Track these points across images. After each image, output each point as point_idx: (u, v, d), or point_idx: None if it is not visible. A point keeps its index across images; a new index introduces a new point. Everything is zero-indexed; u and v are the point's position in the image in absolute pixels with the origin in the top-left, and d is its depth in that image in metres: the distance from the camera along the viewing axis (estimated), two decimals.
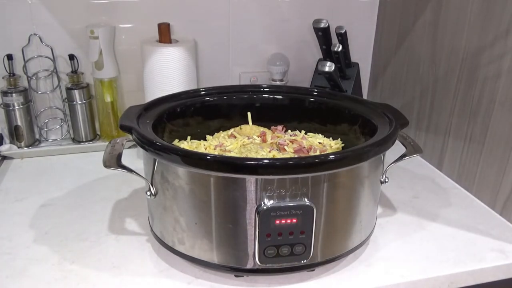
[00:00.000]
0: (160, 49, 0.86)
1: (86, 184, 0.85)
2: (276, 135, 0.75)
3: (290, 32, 1.08)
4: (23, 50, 0.92)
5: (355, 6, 1.09)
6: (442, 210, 0.79)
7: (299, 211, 0.55)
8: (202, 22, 1.02)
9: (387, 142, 0.59)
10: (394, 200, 0.81)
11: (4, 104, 0.92)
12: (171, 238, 0.61)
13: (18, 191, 0.82)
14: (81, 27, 0.94)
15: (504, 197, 0.75)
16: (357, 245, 0.64)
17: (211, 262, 0.59)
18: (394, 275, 0.62)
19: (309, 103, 0.78)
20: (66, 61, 0.96)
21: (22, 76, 0.94)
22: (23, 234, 0.70)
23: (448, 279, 0.64)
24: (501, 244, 0.69)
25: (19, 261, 0.64)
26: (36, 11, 0.92)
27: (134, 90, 1.02)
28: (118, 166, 0.60)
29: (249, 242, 0.56)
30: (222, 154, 0.66)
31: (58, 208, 0.77)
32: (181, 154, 0.54)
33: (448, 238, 0.71)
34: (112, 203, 0.78)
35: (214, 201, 0.55)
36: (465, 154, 0.84)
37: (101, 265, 0.63)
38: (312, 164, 0.53)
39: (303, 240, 0.57)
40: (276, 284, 0.60)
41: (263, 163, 0.53)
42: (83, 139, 1.00)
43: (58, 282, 0.60)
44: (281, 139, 0.72)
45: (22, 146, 0.96)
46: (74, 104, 0.96)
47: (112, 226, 0.72)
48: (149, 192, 0.61)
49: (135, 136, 0.59)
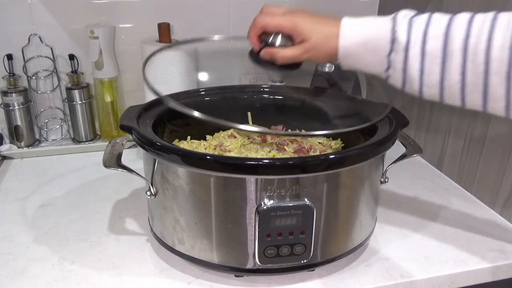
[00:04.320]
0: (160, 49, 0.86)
1: (86, 184, 0.85)
2: None
3: None
4: (23, 50, 0.92)
5: (355, 6, 1.09)
6: (442, 210, 0.79)
7: (299, 211, 0.55)
8: (202, 22, 1.01)
9: (387, 142, 0.59)
10: (394, 200, 0.81)
11: (4, 104, 0.92)
12: (171, 238, 0.61)
13: (18, 191, 0.82)
14: (81, 27, 0.94)
15: (504, 197, 0.75)
16: (357, 245, 0.64)
17: (211, 262, 0.59)
18: (394, 275, 0.62)
19: (309, 103, 0.78)
20: (66, 61, 0.96)
21: (22, 76, 0.94)
22: (23, 234, 0.70)
23: (448, 279, 0.64)
24: (501, 244, 0.69)
25: (19, 261, 0.64)
26: (36, 11, 0.92)
27: (134, 90, 1.02)
28: (118, 166, 0.60)
29: (249, 242, 0.56)
30: (222, 154, 0.66)
31: (58, 208, 0.77)
32: (181, 154, 0.54)
33: (448, 238, 0.71)
34: (112, 203, 0.78)
35: (214, 201, 0.55)
36: (465, 154, 0.84)
37: (101, 265, 0.63)
38: (312, 164, 0.53)
39: (303, 240, 0.57)
40: (276, 284, 0.60)
41: (263, 163, 0.53)
42: (83, 139, 0.99)
43: (58, 282, 0.60)
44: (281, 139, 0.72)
45: (22, 146, 0.96)
46: (74, 104, 0.96)
47: (112, 226, 0.72)
48: (149, 192, 0.61)
49: (135, 136, 0.59)
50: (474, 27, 0.46)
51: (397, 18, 0.51)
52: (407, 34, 0.49)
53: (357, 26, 0.52)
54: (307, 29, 0.54)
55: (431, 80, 0.49)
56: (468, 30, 0.46)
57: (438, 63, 0.48)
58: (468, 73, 0.46)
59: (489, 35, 0.45)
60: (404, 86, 0.52)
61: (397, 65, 0.50)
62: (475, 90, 0.47)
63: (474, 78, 0.46)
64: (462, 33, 0.46)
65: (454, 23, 0.47)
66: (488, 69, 0.45)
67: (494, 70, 0.45)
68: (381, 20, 0.52)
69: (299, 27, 0.55)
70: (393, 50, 0.50)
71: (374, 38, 0.51)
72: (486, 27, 0.45)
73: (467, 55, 0.46)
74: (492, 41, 0.44)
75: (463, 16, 0.48)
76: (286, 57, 0.57)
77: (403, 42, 0.49)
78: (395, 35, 0.50)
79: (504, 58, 0.44)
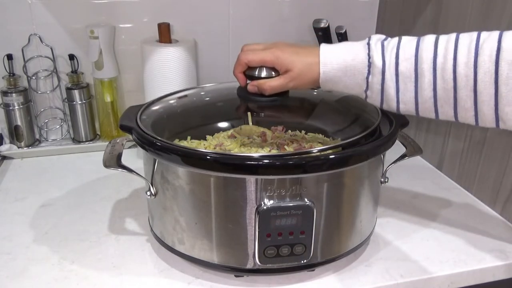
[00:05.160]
0: (160, 49, 0.86)
1: (86, 184, 0.85)
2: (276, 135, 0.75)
3: (290, 32, 1.08)
4: (23, 50, 0.92)
5: (355, 6, 1.09)
6: (442, 210, 0.79)
7: (299, 211, 0.55)
8: (202, 22, 1.02)
9: (387, 142, 0.59)
10: (394, 200, 0.81)
11: (4, 104, 0.92)
12: (171, 238, 0.61)
13: (18, 191, 0.82)
14: (81, 27, 0.94)
15: (504, 197, 0.75)
16: (357, 245, 0.64)
17: (211, 262, 0.59)
18: (394, 275, 0.62)
19: (309, 103, 0.78)
20: (66, 61, 0.96)
21: (22, 76, 0.94)
22: (23, 234, 0.70)
23: (448, 279, 0.64)
24: (501, 244, 0.69)
25: (19, 261, 0.64)
26: (36, 11, 0.92)
27: (134, 90, 1.02)
28: (118, 166, 0.60)
29: (249, 242, 0.56)
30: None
31: (58, 208, 0.77)
32: (181, 154, 0.54)
33: (448, 238, 0.71)
34: (112, 203, 0.78)
35: (214, 201, 0.55)
36: (465, 154, 0.84)
37: (101, 265, 0.63)
38: (312, 164, 0.53)
39: (303, 240, 0.57)
40: (276, 284, 0.60)
41: (263, 163, 0.53)
42: (83, 139, 0.99)
43: (58, 282, 0.60)
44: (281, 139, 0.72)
45: (22, 146, 0.96)
46: (74, 104, 0.96)
47: (112, 226, 0.72)
48: (149, 192, 0.61)
49: (135, 136, 0.59)
50: (440, 47, 0.51)
51: (371, 44, 0.55)
52: (381, 57, 0.54)
53: (335, 54, 0.56)
54: (289, 60, 0.59)
55: (406, 97, 0.54)
56: (435, 50, 0.51)
57: (411, 81, 0.53)
58: (439, 88, 0.51)
59: (454, 54, 0.50)
60: (382, 104, 0.56)
61: (375, 86, 0.55)
62: (446, 103, 0.52)
63: (445, 93, 0.51)
64: (430, 53, 0.51)
65: (423, 45, 0.52)
66: (456, 84, 0.50)
67: (462, 85, 0.50)
68: (357, 46, 0.56)
69: (280, 59, 0.59)
70: (370, 73, 0.54)
71: (352, 64, 0.55)
72: (451, 47, 0.50)
73: (436, 73, 0.51)
74: (457, 59, 0.49)
75: (430, 37, 0.53)
76: (274, 87, 0.61)
77: (379, 65, 0.53)
78: (371, 60, 0.54)
79: (470, 74, 0.49)
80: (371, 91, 0.55)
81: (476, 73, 0.48)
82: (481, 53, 0.48)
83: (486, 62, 0.48)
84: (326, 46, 0.57)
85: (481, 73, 0.48)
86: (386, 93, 0.54)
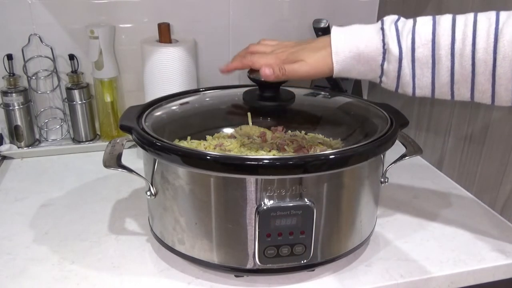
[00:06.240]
0: (160, 49, 0.86)
1: (86, 184, 0.85)
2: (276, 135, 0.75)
3: (290, 32, 1.08)
4: (23, 50, 0.92)
5: (355, 6, 1.09)
6: (442, 210, 0.79)
7: (299, 211, 0.55)
8: (202, 22, 1.02)
9: (387, 142, 0.59)
10: (394, 200, 0.81)
11: (4, 104, 0.92)
12: (171, 238, 0.61)
13: (18, 191, 0.82)
14: (81, 27, 0.94)
15: (504, 197, 0.75)
16: (357, 245, 0.64)
17: (211, 262, 0.59)
18: (394, 275, 0.62)
19: (309, 103, 0.78)
20: (66, 61, 0.96)
21: (22, 76, 0.94)
22: (23, 234, 0.70)
23: (448, 279, 0.64)
24: (501, 244, 0.69)
25: (19, 261, 0.64)
26: (36, 11, 0.92)
27: (134, 90, 1.02)
28: (118, 166, 0.60)
29: (249, 242, 0.56)
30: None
31: (58, 208, 0.77)
32: (181, 154, 0.54)
33: (448, 238, 0.71)
34: (112, 203, 0.78)
35: (214, 201, 0.55)
36: (465, 154, 0.84)
37: (101, 265, 0.63)
38: (312, 164, 0.53)
39: (303, 240, 0.57)
40: (276, 284, 0.60)
41: (263, 163, 0.53)
42: (83, 139, 1.00)
43: (58, 282, 0.60)
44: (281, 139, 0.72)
45: (22, 146, 0.96)
46: (74, 104, 0.96)
47: (112, 226, 0.72)
48: (149, 192, 0.61)
49: (135, 136, 0.59)
50: (458, 32, 0.50)
51: (385, 29, 0.53)
52: (397, 44, 0.52)
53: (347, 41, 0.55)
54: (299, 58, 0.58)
55: (423, 82, 0.53)
56: (453, 35, 0.50)
57: (428, 68, 0.52)
58: (457, 74, 0.51)
59: (473, 39, 0.49)
60: (397, 90, 0.55)
61: (391, 73, 0.54)
62: (463, 86, 0.51)
63: (462, 77, 0.51)
64: (448, 38, 0.50)
65: (439, 29, 0.51)
66: (474, 69, 0.50)
67: (481, 70, 0.49)
68: (370, 30, 0.55)
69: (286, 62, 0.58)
70: (385, 60, 0.53)
71: (365, 51, 0.54)
72: (469, 31, 0.49)
73: (454, 59, 0.50)
74: (476, 45, 0.49)
75: (446, 20, 0.52)
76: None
77: (396, 53, 0.52)
78: (385, 47, 0.53)
79: (489, 60, 0.48)
80: (386, 77, 0.54)
81: (496, 59, 0.48)
82: (501, 38, 0.47)
83: (506, 47, 0.47)
84: (337, 34, 0.56)
85: (500, 58, 0.48)
86: (402, 79, 0.53)
